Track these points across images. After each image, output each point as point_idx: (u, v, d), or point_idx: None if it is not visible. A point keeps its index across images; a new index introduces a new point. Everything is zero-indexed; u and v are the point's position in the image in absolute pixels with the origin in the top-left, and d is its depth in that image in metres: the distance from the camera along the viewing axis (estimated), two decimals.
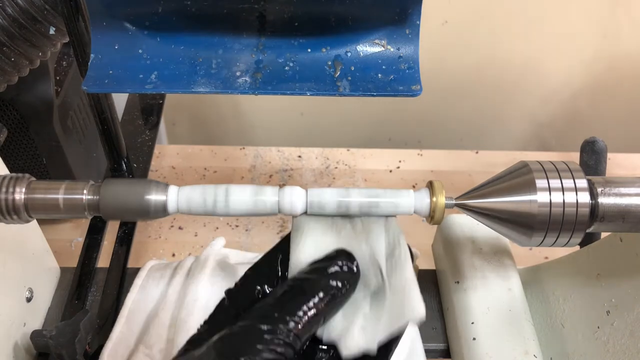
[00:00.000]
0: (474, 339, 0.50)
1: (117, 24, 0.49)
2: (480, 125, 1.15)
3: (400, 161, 0.88)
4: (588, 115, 1.14)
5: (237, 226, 0.76)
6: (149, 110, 0.81)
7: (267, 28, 0.50)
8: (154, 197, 0.42)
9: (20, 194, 0.41)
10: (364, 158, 0.88)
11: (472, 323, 0.51)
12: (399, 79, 0.49)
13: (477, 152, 0.90)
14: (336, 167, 0.86)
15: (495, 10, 0.97)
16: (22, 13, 0.48)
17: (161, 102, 0.83)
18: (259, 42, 0.50)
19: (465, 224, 0.58)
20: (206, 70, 0.49)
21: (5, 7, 0.47)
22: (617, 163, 0.89)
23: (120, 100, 0.79)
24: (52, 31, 0.51)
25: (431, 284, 0.59)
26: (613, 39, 1.02)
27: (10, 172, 0.43)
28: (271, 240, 0.73)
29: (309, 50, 0.50)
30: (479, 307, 0.52)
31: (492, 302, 0.52)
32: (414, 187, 0.83)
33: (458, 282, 0.54)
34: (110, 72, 0.49)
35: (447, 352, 0.54)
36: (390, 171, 0.86)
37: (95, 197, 0.42)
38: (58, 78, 0.67)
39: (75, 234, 0.76)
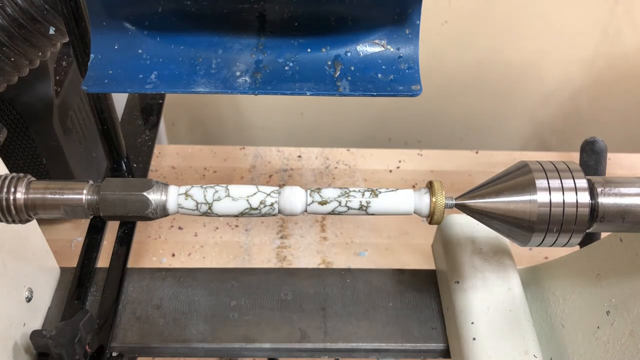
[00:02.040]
0: (474, 338, 0.50)
1: (117, 24, 0.49)
2: (480, 125, 1.15)
3: (400, 161, 0.88)
4: (588, 115, 1.14)
5: (236, 226, 0.76)
6: (148, 110, 0.81)
7: (267, 28, 0.50)
8: (154, 197, 0.42)
9: (20, 194, 0.41)
10: (364, 158, 0.88)
11: (472, 323, 0.51)
12: (399, 79, 0.49)
13: (477, 152, 0.90)
14: (336, 167, 0.86)
15: (495, 11, 0.97)
16: (22, 13, 0.48)
17: (161, 102, 0.83)
18: (259, 42, 0.50)
19: (465, 224, 0.58)
20: (206, 70, 0.49)
21: (5, 7, 0.47)
22: (617, 163, 0.89)
23: (120, 100, 0.79)
24: (52, 31, 0.51)
25: (431, 284, 0.59)
26: (613, 38, 1.02)
27: (10, 172, 0.43)
28: (271, 240, 0.73)
29: (309, 50, 0.50)
30: (479, 307, 0.52)
31: (492, 302, 0.52)
32: (413, 187, 0.83)
33: (458, 282, 0.54)
34: (110, 72, 0.49)
35: (447, 352, 0.54)
36: (390, 171, 0.86)
37: (94, 197, 0.42)
38: (58, 78, 0.67)
39: (75, 234, 0.76)
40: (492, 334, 0.50)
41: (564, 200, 0.39)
